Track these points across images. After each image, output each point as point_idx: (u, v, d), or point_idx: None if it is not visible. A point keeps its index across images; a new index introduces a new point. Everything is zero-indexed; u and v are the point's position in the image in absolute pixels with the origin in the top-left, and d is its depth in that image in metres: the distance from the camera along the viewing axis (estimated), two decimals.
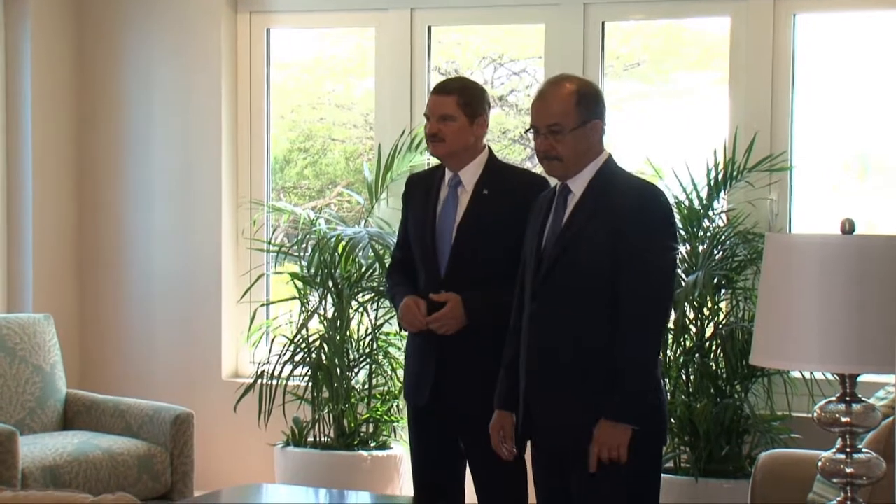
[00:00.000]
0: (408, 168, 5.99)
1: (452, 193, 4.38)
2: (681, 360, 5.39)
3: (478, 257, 4.32)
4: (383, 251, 5.79)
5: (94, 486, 5.31)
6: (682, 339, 5.39)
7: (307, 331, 5.91)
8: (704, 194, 5.51)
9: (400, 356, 5.75)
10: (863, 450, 3.14)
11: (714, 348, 5.39)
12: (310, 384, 5.83)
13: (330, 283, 5.88)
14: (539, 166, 4.04)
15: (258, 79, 6.53)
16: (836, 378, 3.15)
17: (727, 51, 5.80)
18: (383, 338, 5.94)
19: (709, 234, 5.49)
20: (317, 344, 5.84)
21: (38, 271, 6.50)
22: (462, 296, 4.27)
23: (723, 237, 5.47)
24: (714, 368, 5.37)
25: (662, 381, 3.90)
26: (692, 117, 6.17)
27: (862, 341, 2.95)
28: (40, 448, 5.38)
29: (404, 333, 4.65)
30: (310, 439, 5.90)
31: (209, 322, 6.50)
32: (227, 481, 6.05)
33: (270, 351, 6.02)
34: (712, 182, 5.50)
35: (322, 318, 5.91)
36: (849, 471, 3.11)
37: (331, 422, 5.89)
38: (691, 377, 5.38)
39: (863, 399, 3.13)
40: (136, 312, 6.66)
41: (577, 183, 3.87)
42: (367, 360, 5.93)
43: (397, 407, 5.88)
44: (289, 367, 5.84)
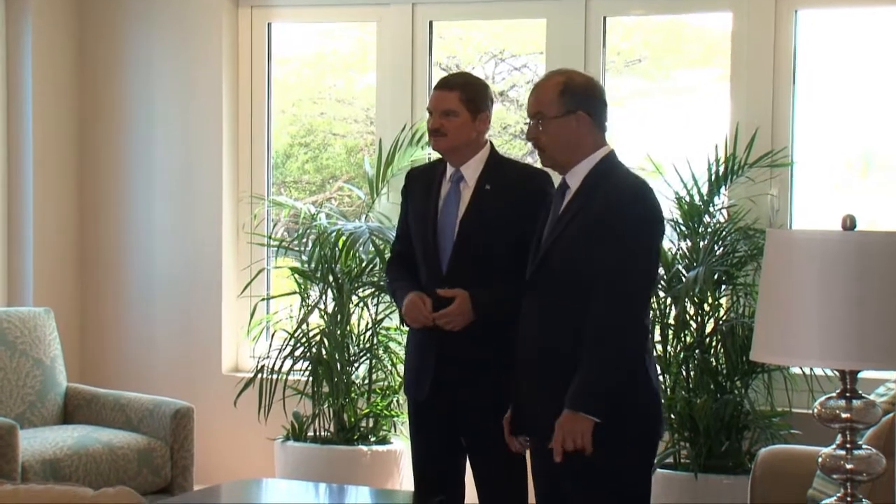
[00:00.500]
0: (408, 163, 5.99)
1: (454, 189, 4.37)
2: (681, 355, 5.39)
3: (480, 253, 4.31)
4: (384, 246, 5.79)
5: (95, 479, 5.31)
6: (682, 335, 5.39)
7: (307, 325, 5.91)
8: (705, 190, 5.50)
9: (400, 351, 5.75)
10: (863, 446, 3.14)
11: (714, 344, 5.39)
12: (310, 379, 5.83)
13: (330, 278, 5.88)
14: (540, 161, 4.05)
15: (259, 73, 6.53)
16: (837, 374, 3.15)
17: (728, 47, 5.79)
18: (384, 332, 5.94)
19: (709, 229, 5.48)
20: (317, 338, 5.84)
21: (39, 265, 6.50)
22: (469, 291, 4.27)
23: (723, 233, 5.46)
24: (714, 364, 5.37)
25: (656, 381, 3.86)
26: (693, 113, 6.17)
27: (862, 337, 2.95)
28: (40, 442, 5.38)
29: (405, 328, 4.64)
30: (310, 434, 5.90)
31: (209, 316, 6.50)
32: (227, 475, 6.04)
33: (271, 345, 6.02)
34: (713, 178, 5.49)
35: (322, 313, 5.91)
36: (849, 467, 3.10)
37: (331, 416, 5.89)
38: (691, 373, 5.38)
39: (863, 395, 3.13)
40: (136, 306, 6.66)
41: (575, 178, 3.87)
42: (368, 355, 5.93)
43: (397, 402, 5.88)
44: (289, 362, 5.84)
